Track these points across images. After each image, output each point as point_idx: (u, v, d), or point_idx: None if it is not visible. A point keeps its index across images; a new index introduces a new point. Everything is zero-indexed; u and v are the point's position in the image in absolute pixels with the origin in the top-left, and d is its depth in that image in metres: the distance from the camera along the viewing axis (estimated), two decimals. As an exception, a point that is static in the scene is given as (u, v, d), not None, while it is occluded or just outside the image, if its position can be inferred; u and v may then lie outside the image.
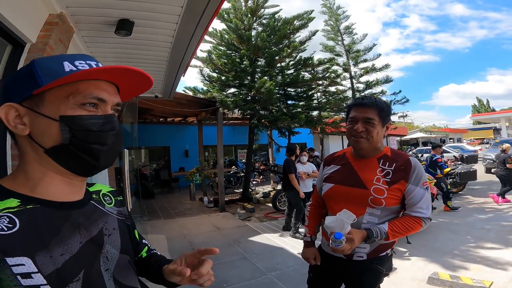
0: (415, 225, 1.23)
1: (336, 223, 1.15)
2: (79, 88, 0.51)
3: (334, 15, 11.47)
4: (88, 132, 0.52)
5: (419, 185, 1.23)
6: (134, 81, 0.59)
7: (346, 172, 1.34)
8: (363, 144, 1.26)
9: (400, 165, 1.25)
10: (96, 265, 0.54)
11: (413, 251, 3.80)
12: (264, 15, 8.32)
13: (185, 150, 11.96)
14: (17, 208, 0.48)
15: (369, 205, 1.23)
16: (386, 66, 10.73)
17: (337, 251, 1.16)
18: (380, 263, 1.29)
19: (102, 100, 0.54)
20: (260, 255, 3.87)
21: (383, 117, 1.26)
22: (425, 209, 1.23)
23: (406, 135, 25.41)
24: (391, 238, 1.20)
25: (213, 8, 2.45)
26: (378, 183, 1.24)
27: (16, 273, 0.42)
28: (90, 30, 2.61)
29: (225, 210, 6.85)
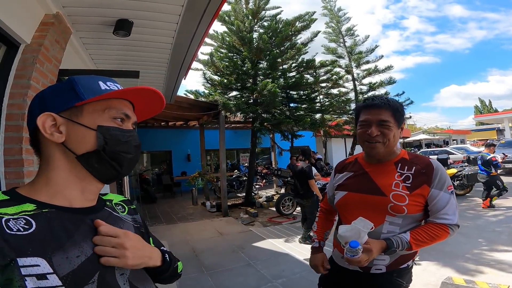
0: (441, 233, 1.11)
1: (352, 232, 1.05)
2: (112, 104, 0.60)
3: (335, 17, 11.43)
4: (118, 141, 0.59)
5: (443, 189, 1.12)
6: (148, 102, 0.67)
7: (360, 178, 1.23)
8: (380, 149, 1.15)
9: (420, 168, 1.14)
10: (111, 268, 0.55)
11: (424, 255, 3.68)
12: (265, 17, 8.28)
13: (187, 154, 11.88)
14: (33, 211, 0.50)
15: (389, 213, 1.12)
16: (389, 68, 10.62)
17: (352, 263, 1.05)
18: (400, 275, 1.17)
19: (128, 116, 0.62)
20: (265, 262, 3.75)
21: (398, 118, 1.15)
22: (452, 215, 1.12)
23: (409, 137, 25.24)
24: (414, 248, 1.09)
25: (214, 7, 2.37)
26: (397, 189, 1.12)
27: (25, 275, 0.43)
28: (88, 31, 2.54)
29: (228, 215, 6.74)
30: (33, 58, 1.96)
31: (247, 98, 8.02)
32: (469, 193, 7.50)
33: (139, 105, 0.67)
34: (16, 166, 1.85)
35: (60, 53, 2.30)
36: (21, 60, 1.93)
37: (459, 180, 7.38)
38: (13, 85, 1.89)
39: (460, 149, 14.97)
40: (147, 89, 0.61)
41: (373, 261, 1.13)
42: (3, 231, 0.44)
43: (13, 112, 1.86)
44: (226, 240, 4.82)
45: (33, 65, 1.94)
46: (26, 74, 1.92)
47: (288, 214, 6.44)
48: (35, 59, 1.96)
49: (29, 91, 1.89)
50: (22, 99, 1.89)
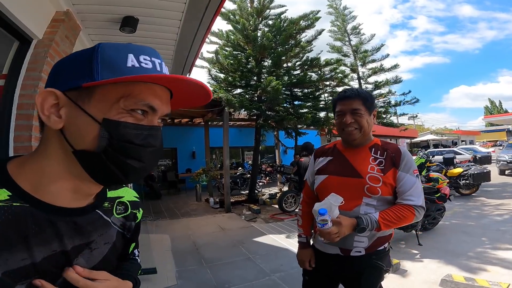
0: (407, 213, 1.19)
1: (324, 207, 1.12)
2: (133, 91, 0.45)
3: (340, 15, 11.40)
4: (128, 144, 0.45)
5: (409, 172, 1.22)
6: (191, 92, 0.53)
7: (339, 162, 1.33)
8: (356, 135, 1.27)
9: (391, 153, 1.26)
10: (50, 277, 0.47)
11: (425, 253, 3.70)
12: (270, 16, 8.33)
13: (192, 151, 12.02)
14: (2, 203, 0.43)
15: (365, 194, 1.21)
16: (395, 67, 10.56)
17: (323, 234, 1.12)
18: (379, 258, 1.25)
19: (154, 109, 0.47)
20: (264, 256, 3.82)
21: (368, 106, 1.27)
22: (416, 196, 1.21)
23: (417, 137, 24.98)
24: (383, 227, 1.17)
25: (216, 4, 2.45)
26: (372, 172, 1.23)
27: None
28: (96, 28, 2.65)
29: (230, 211, 6.82)
30: (44, 52, 2.08)
31: (251, 96, 8.09)
32: (475, 192, 7.40)
33: (179, 92, 0.52)
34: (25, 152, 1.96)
35: (69, 49, 2.42)
36: (33, 54, 2.05)
37: (465, 179, 7.28)
38: (25, 77, 2.01)
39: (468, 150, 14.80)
40: (189, 80, 0.47)
41: (352, 243, 1.22)
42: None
43: (24, 101, 1.99)
44: (227, 235, 4.90)
45: (44, 58, 2.06)
46: (38, 67, 2.03)
47: (290, 211, 6.49)
48: (46, 53, 2.07)
49: (40, 83, 2.02)
50: (33, 90, 2.01)
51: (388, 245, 1.31)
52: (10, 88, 1.95)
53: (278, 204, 6.51)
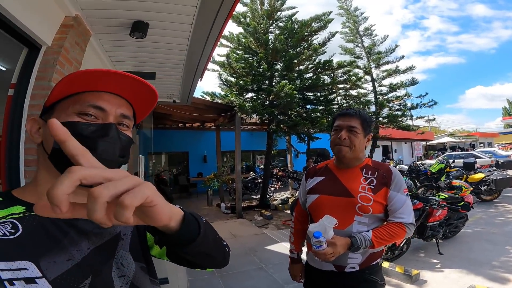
0: (399, 231, 1.24)
1: (318, 228, 1.16)
2: (79, 99, 0.53)
3: (352, 17, 11.17)
4: (76, 136, 0.42)
5: (399, 191, 1.27)
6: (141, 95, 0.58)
7: (331, 182, 1.37)
8: (346, 152, 1.30)
9: (382, 173, 1.30)
10: (106, 271, 0.53)
11: (446, 262, 3.51)
12: (281, 18, 8.23)
13: (203, 155, 12.03)
14: (21, 214, 0.48)
15: (357, 213, 1.25)
16: (410, 68, 10.22)
17: (319, 255, 1.16)
18: (373, 272, 1.29)
19: (100, 108, 0.54)
20: (277, 266, 3.68)
21: (365, 127, 1.32)
22: (407, 214, 1.26)
23: (433, 140, 24.23)
24: (376, 245, 1.21)
25: (228, 8, 2.36)
26: (363, 191, 1.27)
27: (9, 278, 0.41)
28: (106, 33, 2.62)
29: (242, 217, 6.73)
30: (53, 59, 2.03)
31: (263, 100, 7.99)
32: (497, 198, 7.10)
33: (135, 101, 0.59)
34: (35, 165, 1.92)
35: (80, 55, 2.38)
36: (42, 62, 2.00)
37: (486, 185, 6.97)
38: (35, 87, 1.96)
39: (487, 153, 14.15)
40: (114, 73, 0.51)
41: (346, 260, 1.25)
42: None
43: (33, 112, 1.93)
44: (239, 242, 4.79)
45: (54, 66, 2.01)
46: (47, 75, 1.99)
47: (303, 217, 6.34)
48: (56, 61, 2.03)
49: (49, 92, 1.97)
50: (43, 100, 1.96)
51: (381, 260, 1.35)
52: (20, 98, 1.91)
53: (290, 210, 6.36)
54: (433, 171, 7.63)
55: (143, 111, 0.63)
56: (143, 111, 0.63)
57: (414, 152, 22.31)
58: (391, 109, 10.61)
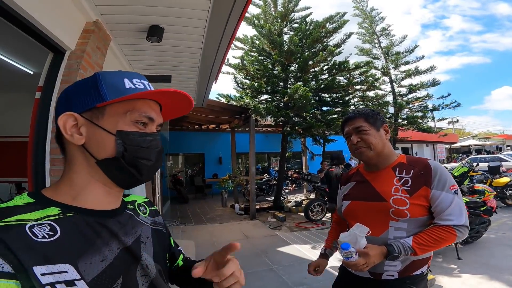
0: (447, 235, 1.08)
1: (349, 238, 1.09)
2: (135, 106, 0.56)
3: (368, 17, 10.96)
4: (139, 148, 0.55)
5: (444, 189, 1.10)
6: (176, 103, 0.64)
7: (361, 187, 1.29)
8: (367, 153, 1.21)
9: (419, 171, 1.16)
10: (132, 271, 0.55)
11: (464, 268, 3.38)
12: (295, 19, 8.21)
13: (219, 157, 12.18)
14: (57, 216, 0.49)
15: (392, 218, 1.13)
16: (431, 68, 9.86)
17: (350, 266, 1.09)
18: (414, 283, 1.14)
19: (152, 119, 0.58)
20: (287, 267, 3.68)
21: (372, 122, 1.23)
22: (456, 215, 1.08)
23: (457, 142, 23.17)
24: (419, 252, 1.07)
25: (239, 11, 2.42)
26: (397, 194, 1.14)
27: (51, 282, 0.42)
28: (125, 38, 2.75)
29: (255, 218, 6.75)
30: (77, 64, 2.16)
31: (277, 102, 8.00)
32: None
33: (166, 105, 0.63)
34: (60, 165, 2.04)
35: (101, 59, 2.51)
36: (66, 66, 2.14)
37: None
38: (60, 90, 2.10)
39: (515, 157, 13.34)
40: (175, 91, 0.58)
41: (383, 267, 1.13)
42: (29, 239, 0.44)
43: (57, 114, 2.08)
44: (251, 243, 4.82)
45: (77, 70, 2.14)
46: (71, 79, 2.11)
47: (317, 220, 6.26)
48: (79, 65, 2.15)
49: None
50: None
51: (427, 269, 1.19)
52: (46, 101, 2.03)
53: (304, 212, 6.31)
54: (456, 174, 7.28)
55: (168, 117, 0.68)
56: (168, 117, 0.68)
57: (437, 155, 21.43)
58: (410, 110, 10.29)
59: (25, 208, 0.48)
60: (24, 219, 0.46)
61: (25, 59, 3.01)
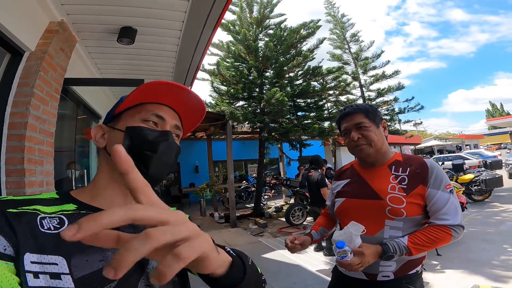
0: (442, 235, 1.06)
1: (344, 236, 1.05)
2: (145, 108, 0.60)
3: (339, 23, 11.48)
4: (143, 140, 0.57)
5: (440, 188, 1.08)
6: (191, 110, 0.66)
7: (357, 184, 1.24)
8: (368, 150, 1.17)
9: (415, 169, 1.13)
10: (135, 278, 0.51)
11: (446, 263, 3.48)
12: (270, 26, 8.34)
13: (195, 166, 11.87)
14: (71, 211, 0.51)
15: (388, 216, 1.09)
16: (396, 73, 10.49)
17: (344, 266, 1.04)
18: (411, 282, 1.11)
19: (161, 117, 0.60)
20: (275, 274, 3.59)
21: (372, 118, 1.19)
22: (453, 215, 1.06)
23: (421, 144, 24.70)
24: (414, 252, 1.04)
25: (217, 14, 2.35)
26: (393, 192, 1.10)
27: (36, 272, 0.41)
28: (93, 39, 2.56)
29: (236, 226, 6.59)
30: (37, 65, 1.96)
31: (254, 108, 7.99)
32: (488, 198, 7.24)
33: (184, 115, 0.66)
34: (17, 176, 1.82)
35: (65, 62, 2.31)
36: (25, 68, 1.93)
37: (477, 185, 7.11)
38: (17, 93, 1.87)
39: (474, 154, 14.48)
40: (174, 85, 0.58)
41: (378, 267, 1.10)
42: (35, 228, 0.45)
43: (15, 120, 1.84)
44: (235, 252, 4.66)
45: (37, 73, 1.94)
46: (30, 82, 1.91)
47: (298, 224, 6.25)
48: (39, 67, 1.95)
49: (32, 100, 1.87)
50: (25, 107, 1.86)
51: (421, 268, 1.17)
52: (1, 105, 1.82)
53: (286, 217, 6.27)
54: (424, 173, 7.73)
55: (190, 126, 0.71)
56: (190, 126, 0.71)
57: (403, 155, 22.60)
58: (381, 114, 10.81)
59: (46, 201, 0.51)
60: (40, 210, 0.48)
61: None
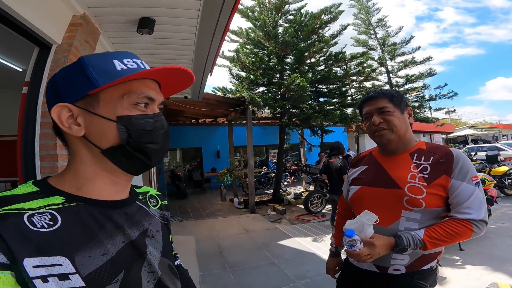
0: (463, 229, 0.98)
1: (355, 225, 1.00)
2: (132, 88, 0.52)
3: (363, 8, 10.85)
4: (143, 132, 0.52)
5: (465, 180, 1.00)
6: (176, 79, 0.60)
7: (374, 171, 1.18)
8: (389, 135, 1.11)
9: (439, 158, 1.05)
10: (137, 266, 0.52)
11: (467, 259, 3.38)
12: (290, 11, 8.09)
13: (216, 151, 12.12)
14: (61, 205, 0.47)
15: (405, 207, 1.03)
16: (428, 59, 9.80)
17: (352, 256, 1.00)
18: (423, 278, 1.06)
19: (152, 99, 0.55)
20: (289, 261, 3.67)
21: (397, 103, 1.12)
22: (476, 209, 0.99)
23: (453, 132, 23.27)
24: (430, 246, 0.98)
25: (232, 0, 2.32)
26: (413, 181, 1.04)
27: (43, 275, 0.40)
28: (115, 31, 2.65)
29: (255, 212, 6.74)
30: (64, 58, 2.08)
31: (274, 94, 7.92)
32: (523, 192, 6.74)
33: (165, 82, 0.59)
34: (50, 161, 1.98)
35: (90, 53, 2.42)
36: (53, 60, 2.05)
37: (511, 178, 6.64)
38: (47, 84, 2.02)
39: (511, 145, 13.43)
40: (172, 68, 0.54)
41: (390, 260, 1.05)
42: (25, 228, 0.42)
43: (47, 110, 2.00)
44: (251, 237, 4.81)
45: (65, 64, 2.06)
46: (58, 73, 2.04)
47: (316, 212, 6.27)
48: (67, 59, 2.07)
49: (60, 90, 2.01)
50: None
51: (437, 263, 1.11)
52: (33, 96, 1.96)
53: (304, 204, 6.30)
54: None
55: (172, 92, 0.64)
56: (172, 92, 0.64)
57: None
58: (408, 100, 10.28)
59: (27, 196, 0.47)
60: (24, 208, 0.44)
61: (13, 56, 2.91)
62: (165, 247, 0.61)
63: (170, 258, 0.63)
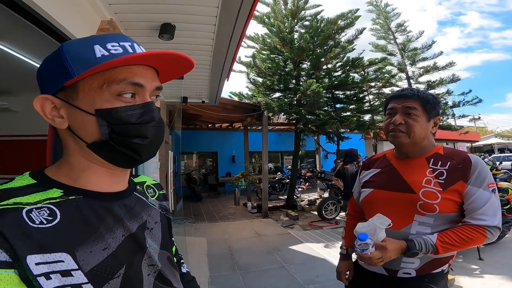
0: (476, 235, 0.98)
1: (367, 229, 1.00)
2: (112, 76, 0.46)
3: (382, 13, 10.67)
4: (127, 125, 0.47)
5: (482, 186, 0.99)
6: (174, 64, 0.54)
7: (387, 174, 1.16)
8: (403, 139, 1.07)
9: (456, 163, 1.04)
10: (137, 260, 0.51)
11: (486, 268, 3.26)
12: (306, 17, 8.15)
13: (232, 155, 12.26)
14: (59, 199, 0.46)
15: (418, 212, 1.02)
16: (451, 64, 9.46)
17: (364, 259, 0.99)
18: (433, 281, 1.04)
19: (139, 85, 0.48)
20: (299, 266, 3.65)
21: (428, 109, 1.07)
22: (490, 215, 0.98)
23: (479, 141, 22.19)
24: (442, 251, 0.97)
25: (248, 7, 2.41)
26: (428, 186, 1.03)
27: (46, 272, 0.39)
28: (138, 36, 2.80)
29: (268, 217, 6.74)
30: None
31: (290, 99, 7.95)
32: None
33: (163, 68, 0.53)
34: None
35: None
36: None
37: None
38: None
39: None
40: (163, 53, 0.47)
41: (400, 263, 1.04)
42: (25, 225, 0.40)
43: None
44: (263, 241, 4.81)
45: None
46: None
47: (330, 218, 6.17)
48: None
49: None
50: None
51: (448, 267, 1.09)
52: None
53: (318, 211, 6.23)
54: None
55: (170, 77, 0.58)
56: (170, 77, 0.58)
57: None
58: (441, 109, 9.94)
59: (25, 189, 0.45)
60: (22, 202, 0.42)
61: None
62: (164, 239, 0.60)
63: (169, 250, 0.62)
